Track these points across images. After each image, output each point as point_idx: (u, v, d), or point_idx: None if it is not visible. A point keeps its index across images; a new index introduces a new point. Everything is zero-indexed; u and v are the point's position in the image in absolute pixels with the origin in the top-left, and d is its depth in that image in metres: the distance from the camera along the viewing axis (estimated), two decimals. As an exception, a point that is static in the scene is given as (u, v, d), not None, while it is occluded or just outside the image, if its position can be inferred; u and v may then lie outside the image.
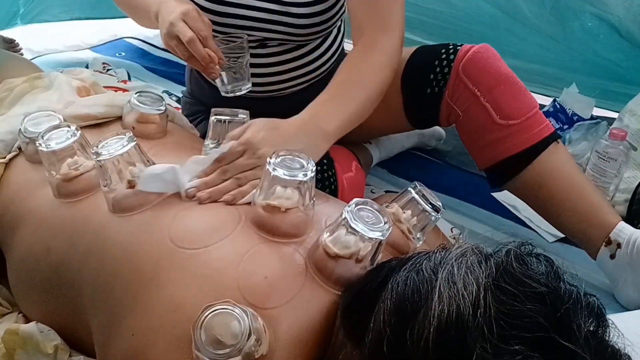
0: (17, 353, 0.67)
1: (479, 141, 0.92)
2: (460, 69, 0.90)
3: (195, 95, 1.09)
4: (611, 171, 1.06)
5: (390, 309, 0.45)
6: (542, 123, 0.89)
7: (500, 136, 0.88)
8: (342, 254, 0.54)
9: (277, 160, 0.58)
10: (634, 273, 0.85)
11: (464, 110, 0.91)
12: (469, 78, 0.89)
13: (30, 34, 1.75)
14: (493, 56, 0.91)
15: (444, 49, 0.93)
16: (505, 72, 0.89)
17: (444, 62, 0.92)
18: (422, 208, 0.64)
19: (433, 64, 0.93)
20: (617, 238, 0.85)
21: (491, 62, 0.90)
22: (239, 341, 0.45)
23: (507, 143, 0.88)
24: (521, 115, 0.87)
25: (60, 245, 0.65)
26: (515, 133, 0.88)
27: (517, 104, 0.88)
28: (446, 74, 0.91)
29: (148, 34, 1.89)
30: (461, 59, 0.90)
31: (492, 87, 0.88)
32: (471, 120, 0.91)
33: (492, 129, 0.88)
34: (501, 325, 0.39)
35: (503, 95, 0.88)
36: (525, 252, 0.45)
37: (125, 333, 0.54)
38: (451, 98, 0.92)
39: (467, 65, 0.90)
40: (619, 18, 1.34)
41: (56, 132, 0.69)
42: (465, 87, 0.89)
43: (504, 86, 0.88)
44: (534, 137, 0.88)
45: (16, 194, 0.74)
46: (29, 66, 1.08)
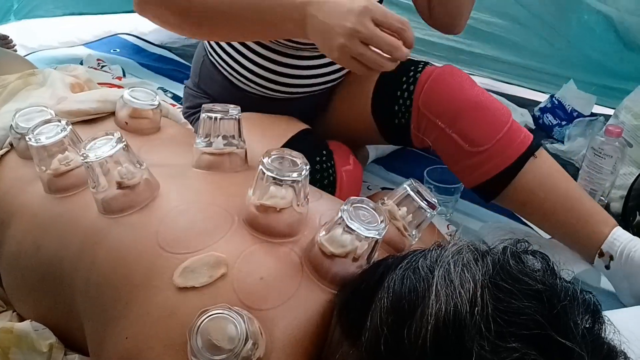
0: (12, 352, 0.66)
1: (455, 166, 0.91)
2: (420, 104, 0.88)
3: (203, 87, 1.07)
4: (607, 168, 1.06)
5: (387, 308, 0.44)
6: (515, 140, 0.86)
7: (475, 162, 0.87)
8: (338, 253, 0.53)
9: (269, 159, 0.57)
10: (630, 283, 0.84)
11: (432, 140, 0.90)
12: (429, 112, 0.87)
13: (24, 30, 1.74)
14: (452, 80, 0.87)
15: (405, 77, 0.91)
16: (466, 98, 0.86)
17: (405, 94, 0.90)
18: (417, 205, 0.64)
19: (396, 95, 0.91)
20: (609, 250, 0.84)
21: (452, 90, 0.86)
22: (236, 346, 0.45)
23: (482, 168, 0.87)
24: (490, 139, 0.85)
25: (50, 244, 0.65)
26: (489, 158, 0.85)
27: (484, 129, 0.85)
28: (409, 106, 0.90)
29: (143, 30, 1.88)
30: (420, 91, 0.88)
31: (455, 117, 0.85)
32: (442, 149, 0.90)
33: (465, 156, 0.87)
34: (498, 322, 0.39)
35: (467, 124, 0.85)
36: (521, 249, 0.45)
37: (118, 336, 0.53)
38: (418, 130, 0.91)
39: (426, 98, 0.88)
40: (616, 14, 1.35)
41: (46, 126, 0.68)
42: (429, 120, 0.88)
43: (467, 113, 0.85)
44: (508, 158, 0.85)
45: (8, 190, 0.73)
46: (22, 63, 1.07)
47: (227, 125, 0.70)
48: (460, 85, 0.87)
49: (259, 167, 0.57)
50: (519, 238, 0.47)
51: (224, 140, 0.69)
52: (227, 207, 0.60)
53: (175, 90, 1.54)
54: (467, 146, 0.85)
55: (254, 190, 0.58)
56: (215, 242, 0.56)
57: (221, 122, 0.69)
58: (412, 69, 0.91)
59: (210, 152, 0.69)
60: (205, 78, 1.05)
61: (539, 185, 0.86)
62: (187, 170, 0.70)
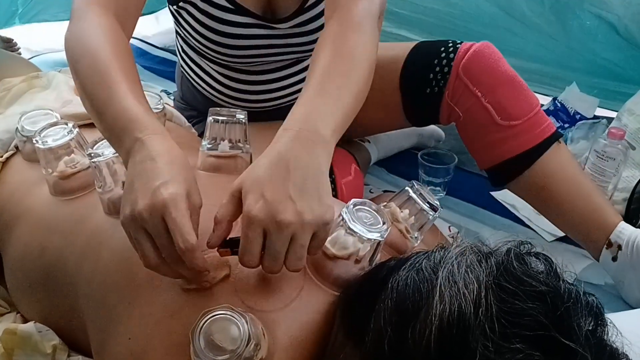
0: (16, 353, 0.67)
1: (480, 141, 0.90)
2: (460, 69, 0.88)
3: (187, 100, 1.08)
4: (610, 170, 1.06)
5: (391, 308, 0.45)
6: (543, 123, 0.88)
7: (502, 137, 0.87)
8: (341, 255, 0.53)
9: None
10: (636, 274, 0.85)
11: (464, 110, 0.89)
12: (469, 78, 0.88)
13: (29, 34, 1.75)
14: (494, 54, 0.89)
15: (444, 47, 0.91)
16: (506, 71, 0.87)
17: (444, 62, 0.90)
18: (419, 207, 0.64)
19: (432, 63, 0.91)
20: (617, 240, 0.85)
21: (492, 62, 0.88)
22: (239, 346, 0.45)
23: (508, 144, 0.87)
24: (523, 115, 0.86)
25: (56, 245, 0.65)
26: (517, 134, 0.86)
27: (519, 104, 0.86)
28: (446, 73, 0.90)
29: (146, 33, 1.89)
30: (461, 59, 0.89)
31: (494, 87, 0.86)
32: (472, 121, 0.89)
33: (494, 129, 0.87)
34: (502, 323, 0.39)
35: (505, 96, 0.86)
36: (524, 251, 0.46)
37: (121, 337, 0.54)
38: (451, 99, 0.90)
39: (468, 65, 0.88)
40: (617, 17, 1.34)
41: (53, 129, 0.69)
42: (466, 88, 0.88)
43: (506, 86, 0.87)
44: (536, 138, 0.87)
45: (13, 192, 0.74)
46: (27, 65, 1.08)
47: (234, 129, 0.70)
48: (500, 60, 0.89)
49: None
50: (522, 240, 0.47)
51: (230, 144, 0.70)
52: None
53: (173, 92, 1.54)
54: (500, 119, 0.86)
55: None
56: None
57: (227, 125, 0.70)
58: (451, 42, 0.92)
59: (216, 155, 0.69)
60: (187, 93, 1.07)
61: (559, 171, 0.87)
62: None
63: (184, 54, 0.99)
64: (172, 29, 1.00)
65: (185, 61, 0.99)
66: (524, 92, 0.88)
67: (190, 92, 1.05)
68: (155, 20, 1.93)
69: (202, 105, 1.01)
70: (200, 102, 1.02)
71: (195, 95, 1.03)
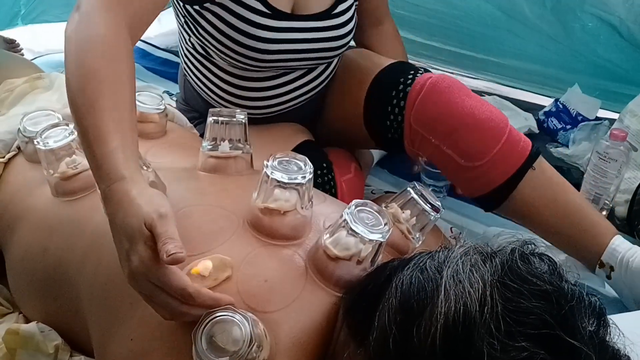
0: (18, 353, 0.67)
1: (453, 179, 0.91)
2: (412, 121, 0.85)
3: (189, 102, 1.08)
4: (612, 172, 1.05)
5: (396, 307, 0.45)
6: (513, 151, 0.83)
7: (471, 176, 0.85)
8: (343, 255, 0.54)
9: (274, 162, 0.58)
10: (632, 293, 0.84)
11: (428, 155, 0.88)
12: (423, 129, 0.84)
13: (31, 35, 1.75)
14: (444, 94, 0.84)
15: (395, 91, 0.87)
16: (460, 114, 0.82)
17: (396, 110, 0.87)
18: (421, 208, 0.64)
19: (387, 110, 0.88)
20: (608, 261, 0.83)
21: (443, 104, 0.83)
22: (240, 348, 0.45)
23: (479, 181, 0.85)
24: (486, 154, 0.81)
25: (57, 245, 0.65)
26: (485, 172, 0.83)
27: (479, 145, 0.81)
28: (400, 122, 0.87)
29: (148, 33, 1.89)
30: (412, 107, 0.85)
31: (449, 134, 0.82)
32: (439, 163, 0.88)
33: (461, 170, 0.84)
34: (508, 322, 0.40)
35: (462, 140, 0.82)
36: (528, 251, 0.46)
37: (123, 338, 0.54)
38: (412, 146, 0.88)
39: (417, 115, 0.85)
40: (619, 19, 1.34)
41: (54, 130, 0.69)
42: (423, 137, 0.85)
43: (461, 130, 0.82)
44: (505, 173, 0.83)
45: (15, 193, 0.74)
46: (29, 67, 1.08)
47: (234, 129, 0.70)
48: (453, 99, 0.83)
49: (264, 170, 0.57)
50: (526, 240, 0.47)
51: (230, 144, 0.70)
52: (232, 209, 0.61)
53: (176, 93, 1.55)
54: (463, 162, 0.83)
55: (258, 193, 0.58)
56: (220, 245, 0.56)
57: (227, 126, 0.70)
58: (402, 80, 0.88)
59: (216, 155, 0.69)
60: (189, 95, 1.07)
61: (538, 197, 0.85)
62: (192, 173, 0.70)
63: (188, 56, 0.99)
64: (174, 30, 0.99)
65: (189, 64, 0.99)
66: (482, 129, 0.82)
67: (192, 94, 1.05)
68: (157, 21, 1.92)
69: (204, 107, 1.01)
70: (201, 104, 1.02)
71: (197, 98, 1.03)
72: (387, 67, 0.92)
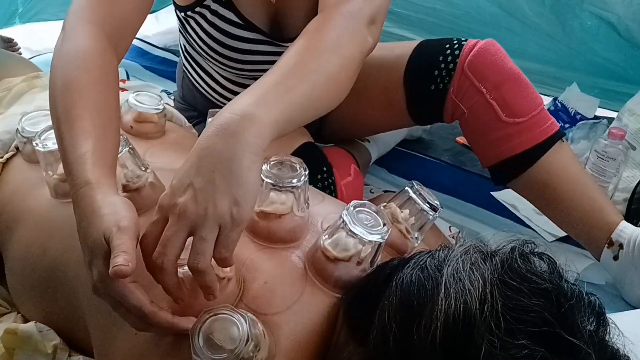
0: (16, 353, 0.67)
1: (484, 139, 0.90)
2: (465, 66, 0.88)
3: (188, 101, 1.09)
4: (610, 170, 1.06)
5: (396, 305, 0.45)
6: (547, 121, 0.88)
7: (506, 134, 0.87)
8: (342, 257, 0.53)
9: (268, 166, 0.57)
10: (638, 272, 0.85)
11: (469, 107, 0.89)
12: (474, 75, 0.87)
13: (29, 33, 1.74)
14: (499, 52, 0.89)
15: (449, 44, 0.91)
16: (511, 69, 0.87)
17: (449, 58, 0.90)
18: (419, 207, 0.64)
19: (437, 60, 0.90)
20: (618, 238, 0.85)
21: (497, 58, 0.88)
22: (237, 346, 0.45)
23: (512, 141, 0.87)
24: (527, 113, 0.86)
25: (56, 247, 0.65)
26: (521, 131, 0.86)
27: (524, 101, 0.86)
28: (451, 70, 0.89)
29: (147, 32, 1.89)
30: (467, 55, 0.88)
31: (499, 84, 0.86)
32: (476, 118, 0.89)
33: (498, 126, 0.87)
34: (508, 319, 0.40)
35: (510, 93, 0.86)
36: (527, 250, 0.46)
37: (127, 333, 0.53)
38: (456, 95, 0.90)
39: (473, 61, 0.88)
40: (618, 17, 1.34)
41: (53, 131, 0.68)
42: (471, 84, 0.88)
43: (511, 83, 0.86)
44: (540, 136, 0.87)
45: (14, 193, 0.74)
46: (27, 65, 1.08)
47: None
48: (505, 57, 0.89)
49: None
50: (525, 239, 0.47)
51: None
52: None
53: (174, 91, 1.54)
54: (504, 115, 0.86)
55: None
56: None
57: None
58: (456, 39, 0.91)
59: None
60: (188, 93, 1.07)
61: (562, 169, 0.87)
62: None
63: (186, 55, 0.99)
64: (172, 29, 1.00)
65: (188, 61, 0.99)
66: (529, 89, 0.88)
67: (191, 93, 1.05)
68: (155, 20, 1.93)
69: (203, 106, 1.01)
70: (200, 102, 1.02)
71: (196, 96, 1.03)
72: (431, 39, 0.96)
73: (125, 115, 0.81)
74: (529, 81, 0.89)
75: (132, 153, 0.61)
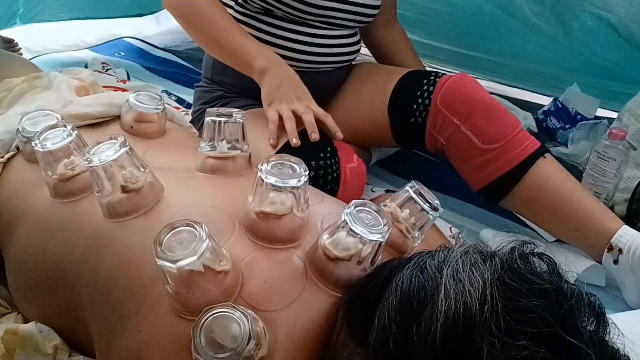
0: (17, 353, 0.67)
1: (466, 165, 0.97)
2: (438, 102, 0.96)
3: (218, 78, 1.11)
4: (610, 171, 1.05)
5: (396, 306, 0.45)
6: (525, 141, 0.93)
7: (486, 159, 0.93)
8: (342, 256, 0.53)
9: (268, 166, 0.57)
10: (636, 278, 0.85)
11: (446, 139, 0.97)
12: (447, 109, 0.95)
13: (30, 34, 1.75)
14: (469, 84, 0.97)
15: (426, 80, 1.00)
16: (482, 98, 0.94)
17: (425, 94, 0.98)
18: (420, 207, 0.64)
19: (415, 95, 0.99)
20: (618, 244, 0.86)
21: (466, 91, 0.95)
22: (239, 345, 0.45)
23: (493, 165, 0.93)
24: (502, 138, 0.92)
25: (56, 247, 0.65)
26: (500, 155, 0.92)
27: (497, 127, 0.92)
28: (427, 105, 0.98)
29: (147, 33, 1.89)
30: (439, 91, 0.97)
31: (470, 114, 0.93)
32: (456, 147, 0.96)
33: (477, 153, 0.93)
34: (508, 320, 0.40)
35: (481, 121, 0.92)
36: (527, 250, 0.46)
37: (130, 331, 0.54)
38: (433, 128, 0.98)
39: (445, 96, 0.96)
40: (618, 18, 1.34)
41: (52, 132, 0.68)
42: (445, 117, 0.95)
43: (481, 112, 0.93)
44: (519, 156, 0.92)
45: (14, 193, 0.74)
46: (28, 66, 1.08)
47: (231, 129, 0.70)
48: (475, 88, 0.96)
49: (258, 174, 0.57)
50: (525, 240, 0.47)
51: (228, 144, 0.69)
52: (229, 211, 0.60)
53: (179, 93, 1.54)
54: (480, 143, 0.92)
55: (253, 196, 0.58)
56: None
57: (225, 125, 0.69)
58: (433, 74, 1.01)
59: (214, 155, 0.69)
60: (219, 67, 1.08)
61: (548, 182, 0.91)
62: (191, 173, 0.70)
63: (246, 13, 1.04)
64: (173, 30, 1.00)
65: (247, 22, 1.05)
66: (501, 115, 0.94)
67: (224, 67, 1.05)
68: (156, 20, 1.93)
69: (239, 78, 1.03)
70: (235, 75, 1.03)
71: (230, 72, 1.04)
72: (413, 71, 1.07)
73: (126, 115, 0.81)
74: (502, 107, 0.95)
75: (130, 154, 0.61)
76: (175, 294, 0.50)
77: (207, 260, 0.49)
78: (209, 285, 0.50)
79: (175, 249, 0.49)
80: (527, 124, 1.40)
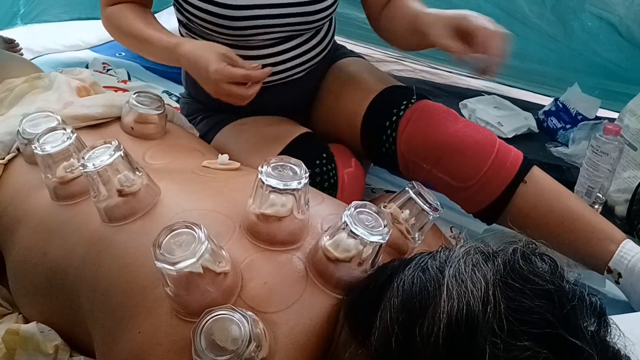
0: (18, 353, 0.67)
1: (452, 198, 0.94)
2: (403, 150, 0.92)
3: (193, 95, 1.09)
4: (604, 165, 1.04)
5: (398, 307, 0.45)
6: (502, 168, 0.87)
7: (466, 195, 0.91)
8: (343, 257, 0.53)
9: (268, 168, 0.57)
10: None
11: (423, 179, 0.91)
12: (413, 156, 0.91)
13: (31, 34, 1.74)
14: (430, 122, 0.90)
15: (388, 122, 0.93)
16: (444, 139, 0.88)
17: (390, 139, 0.94)
18: (420, 208, 0.64)
19: (381, 140, 0.94)
20: (616, 268, 0.83)
21: (429, 133, 0.89)
22: (239, 347, 0.45)
23: (474, 199, 0.91)
24: (475, 175, 0.87)
25: (56, 250, 0.65)
26: (478, 191, 0.89)
27: (468, 166, 0.87)
28: (394, 151, 0.93)
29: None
30: (402, 139, 0.91)
31: (438, 158, 0.89)
32: (435, 186, 0.93)
33: (457, 190, 0.91)
34: (510, 321, 0.40)
35: (451, 164, 0.88)
36: (529, 251, 0.46)
37: (131, 332, 0.54)
38: (407, 172, 0.95)
39: (408, 143, 0.91)
40: (619, 18, 1.34)
41: (52, 135, 0.68)
42: (416, 164, 0.92)
43: (450, 155, 0.88)
44: (498, 189, 0.88)
45: (14, 195, 0.74)
46: (29, 66, 1.08)
47: None
48: (439, 125, 0.90)
49: (258, 177, 0.57)
50: (527, 240, 0.47)
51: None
52: (228, 214, 0.60)
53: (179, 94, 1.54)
54: (455, 183, 0.89)
55: (253, 199, 0.58)
56: None
57: None
58: (395, 112, 0.93)
59: None
60: (191, 84, 1.06)
61: (534, 209, 0.87)
62: (189, 175, 0.70)
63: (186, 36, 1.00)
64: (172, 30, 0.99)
65: None
66: (469, 152, 0.88)
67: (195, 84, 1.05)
68: (156, 21, 1.93)
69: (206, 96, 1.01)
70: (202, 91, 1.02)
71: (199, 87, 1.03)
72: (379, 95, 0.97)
73: (126, 116, 0.81)
74: (469, 141, 0.88)
75: (124, 158, 0.61)
76: (175, 296, 0.50)
77: (206, 262, 0.49)
78: (209, 287, 0.50)
79: (175, 251, 0.48)
80: (528, 125, 1.39)
